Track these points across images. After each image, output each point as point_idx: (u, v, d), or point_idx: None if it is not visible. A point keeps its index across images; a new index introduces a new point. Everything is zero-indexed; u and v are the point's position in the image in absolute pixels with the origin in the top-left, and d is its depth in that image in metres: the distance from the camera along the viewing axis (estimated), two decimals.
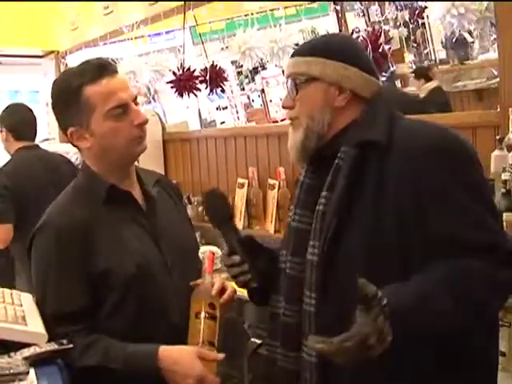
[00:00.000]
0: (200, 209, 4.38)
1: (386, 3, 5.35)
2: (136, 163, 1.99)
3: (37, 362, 1.64)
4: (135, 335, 1.80)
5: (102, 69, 1.81)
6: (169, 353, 1.74)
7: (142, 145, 1.88)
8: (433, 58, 6.99)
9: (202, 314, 1.79)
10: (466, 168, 1.53)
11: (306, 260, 1.61)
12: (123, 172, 1.92)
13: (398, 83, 6.52)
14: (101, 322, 1.82)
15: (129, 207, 1.91)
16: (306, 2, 5.69)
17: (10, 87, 7.86)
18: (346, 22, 6.88)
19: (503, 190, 2.24)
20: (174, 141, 5.23)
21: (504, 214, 2.09)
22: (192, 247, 2.08)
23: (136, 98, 1.87)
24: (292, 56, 1.71)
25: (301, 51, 1.70)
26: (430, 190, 1.48)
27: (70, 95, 1.82)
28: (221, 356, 1.76)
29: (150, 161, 4.99)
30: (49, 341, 1.70)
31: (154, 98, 10.18)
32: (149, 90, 8.67)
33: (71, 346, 1.71)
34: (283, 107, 1.73)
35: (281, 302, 1.70)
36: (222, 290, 1.88)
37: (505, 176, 2.25)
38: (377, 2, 4.86)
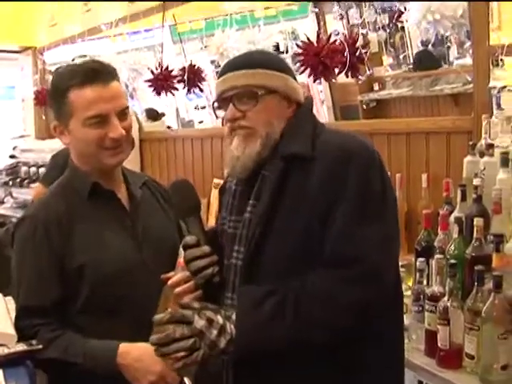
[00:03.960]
0: None
1: (365, 7, 5.36)
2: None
3: (5, 362, 1.63)
4: (107, 332, 1.80)
5: (93, 75, 1.81)
6: (129, 349, 1.76)
7: (117, 157, 1.87)
8: (411, 61, 7.02)
9: (169, 311, 1.78)
10: (369, 179, 1.59)
11: (230, 263, 1.68)
12: (105, 174, 1.92)
13: (376, 86, 6.54)
14: (73, 317, 1.83)
15: (112, 206, 1.92)
16: (285, 3, 5.69)
17: None
18: (325, 24, 6.90)
19: (474, 196, 2.25)
20: (150, 140, 5.23)
21: (475, 219, 2.10)
22: (175, 249, 2.07)
23: (125, 109, 1.86)
24: (238, 69, 1.69)
25: (250, 64, 1.70)
26: (332, 202, 1.56)
27: (57, 94, 1.85)
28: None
29: (126, 160, 4.99)
30: (18, 341, 1.70)
31: (131, 96, 10.17)
32: (127, 87, 8.67)
33: (41, 346, 1.71)
34: (231, 120, 1.69)
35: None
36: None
37: (476, 182, 2.26)
38: (355, 5, 4.85)
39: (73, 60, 5.46)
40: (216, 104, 1.77)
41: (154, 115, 7.27)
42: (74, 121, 1.83)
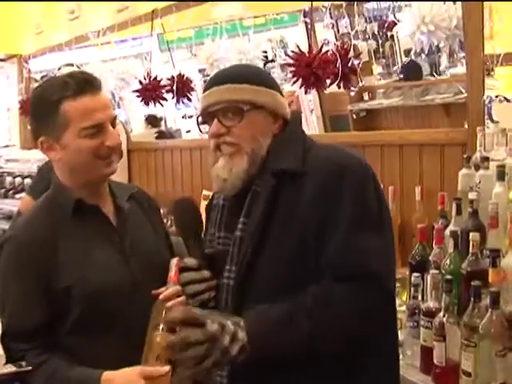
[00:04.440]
0: (166, 220, 4.34)
1: (356, 16, 5.38)
2: None
3: None
4: (97, 351, 1.78)
5: (85, 85, 1.79)
6: (112, 377, 1.72)
7: (111, 167, 1.86)
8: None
9: (161, 327, 1.75)
10: (364, 194, 1.60)
11: (222, 283, 1.68)
12: (92, 188, 1.90)
13: (366, 96, 6.55)
14: (61, 338, 1.80)
15: (97, 222, 1.90)
16: (275, 11, 5.69)
17: None
18: (314, 32, 6.91)
19: (470, 210, 2.25)
20: (138, 150, 5.21)
21: (471, 234, 2.10)
22: (165, 264, 2.05)
23: (115, 118, 1.86)
24: (223, 83, 1.68)
25: (236, 79, 1.69)
26: (327, 217, 1.57)
27: (48, 106, 1.82)
28: (165, 369, 1.66)
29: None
30: (6, 362, 1.68)
31: (118, 106, 10.14)
32: (113, 96, 8.62)
33: (30, 368, 1.68)
34: (215, 135, 1.68)
35: None
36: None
37: (472, 195, 2.26)
38: (346, 15, 4.87)
39: (59, 69, 5.44)
40: (200, 118, 1.76)
41: (154, 121, 7.28)
42: (68, 133, 1.81)
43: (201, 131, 1.79)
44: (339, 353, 1.56)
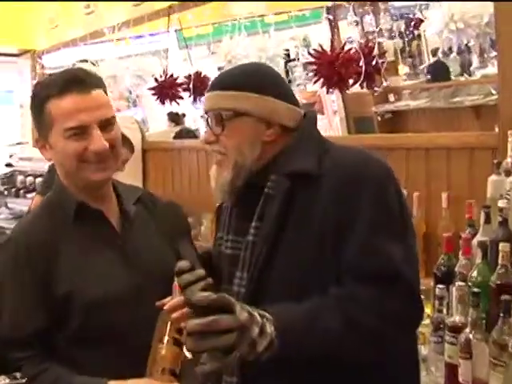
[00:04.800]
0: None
1: (381, 13, 5.33)
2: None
3: None
4: (98, 362, 1.75)
5: (72, 83, 1.76)
6: None
7: (102, 174, 1.81)
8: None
9: (166, 339, 1.72)
10: (385, 196, 1.57)
11: (232, 290, 1.63)
12: (92, 191, 1.87)
13: (391, 97, 6.49)
14: (60, 348, 1.78)
15: (100, 227, 1.87)
16: (297, 8, 5.66)
17: None
18: (338, 30, 6.86)
19: (499, 219, 2.19)
20: (153, 150, 5.18)
21: (500, 244, 2.04)
22: (170, 271, 2.01)
23: (109, 120, 1.81)
24: (212, 89, 1.69)
25: (223, 84, 1.68)
26: (347, 219, 1.53)
27: (36, 104, 1.81)
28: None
29: (127, 171, 4.93)
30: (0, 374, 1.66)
31: (135, 104, 10.17)
32: (130, 94, 8.63)
33: (24, 380, 1.67)
34: (205, 142, 1.70)
35: None
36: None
37: (502, 203, 2.20)
38: (370, 12, 4.82)
39: (73, 65, 5.44)
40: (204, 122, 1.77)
41: (176, 118, 7.28)
42: (53, 133, 1.79)
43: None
44: (364, 361, 1.51)
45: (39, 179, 5.73)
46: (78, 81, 1.77)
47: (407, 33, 6.69)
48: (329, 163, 1.61)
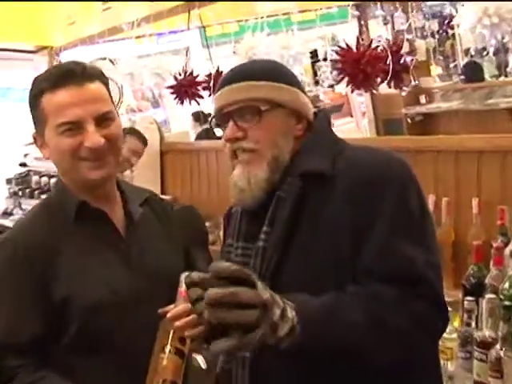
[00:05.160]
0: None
1: (412, 11, 5.26)
2: (128, 174, 1.91)
3: None
4: (96, 372, 1.72)
5: (66, 77, 1.73)
6: None
7: (99, 171, 1.76)
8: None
9: (168, 349, 1.67)
10: (407, 197, 1.53)
11: None
12: (93, 191, 1.83)
13: (423, 99, 6.42)
14: (58, 355, 1.74)
15: (102, 228, 1.83)
16: (324, 7, 5.61)
17: (1, 84, 7.86)
18: (367, 29, 6.81)
19: None
20: (172, 152, 5.17)
21: None
22: (175, 277, 1.96)
23: (105, 114, 1.76)
24: (238, 81, 1.62)
25: (254, 76, 1.62)
26: (366, 220, 1.49)
27: (32, 99, 1.78)
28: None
29: (145, 173, 4.93)
30: None
31: (157, 104, 10.20)
32: (153, 94, 8.63)
33: None
34: (230, 139, 1.61)
35: None
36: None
37: None
38: (400, 9, 4.76)
39: (91, 62, 5.44)
40: (214, 121, 1.70)
41: (200, 118, 7.27)
42: (47, 130, 1.75)
43: (214, 134, 1.71)
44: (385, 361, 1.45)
45: (54, 179, 5.74)
46: (72, 74, 1.73)
47: (440, 32, 6.61)
48: (343, 164, 1.57)
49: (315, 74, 8.08)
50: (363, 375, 1.46)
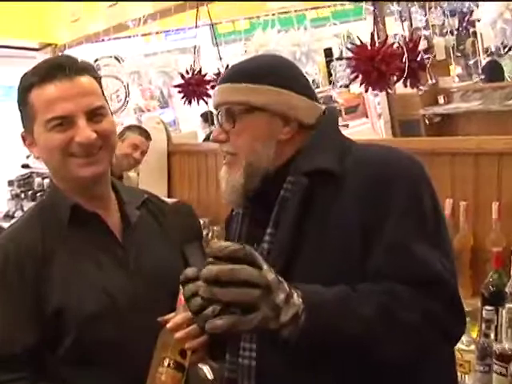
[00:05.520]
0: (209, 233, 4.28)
1: (431, 7, 5.22)
2: (134, 176, 1.88)
3: None
4: None
5: (55, 70, 1.69)
6: None
7: (90, 168, 1.73)
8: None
9: (167, 362, 1.63)
10: (418, 195, 1.51)
11: None
12: (86, 192, 1.80)
13: (441, 99, 6.37)
14: (53, 368, 1.71)
15: (97, 233, 1.80)
16: (339, 3, 5.59)
17: (3, 82, 7.88)
18: (384, 26, 6.75)
19: None
20: (180, 153, 5.17)
21: None
22: (176, 283, 1.93)
23: (97, 109, 1.73)
24: (224, 81, 1.65)
25: (235, 77, 1.63)
26: (377, 219, 1.47)
27: (20, 95, 1.76)
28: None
29: (151, 175, 4.92)
30: None
31: (167, 103, 10.19)
32: (162, 94, 8.60)
33: None
34: (214, 141, 1.65)
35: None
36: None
37: None
38: (417, 5, 4.72)
39: (95, 61, 5.44)
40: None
41: (208, 118, 7.25)
42: (36, 127, 1.72)
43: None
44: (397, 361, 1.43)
45: None
46: (62, 67, 1.70)
47: (460, 29, 6.57)
48: (351, 162, 1.55)
49: (330, 73, 8.06)
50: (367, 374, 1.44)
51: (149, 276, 1.79)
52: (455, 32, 6.30)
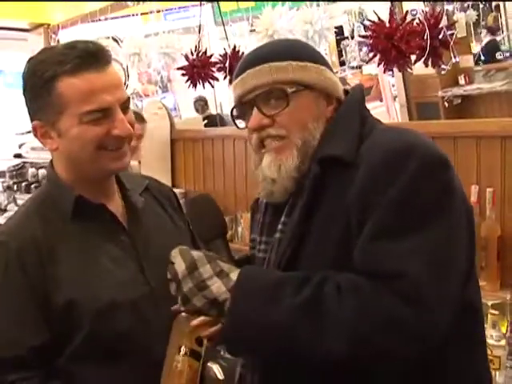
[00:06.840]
0: None
1: None
2: (136, 165, 1.92)
3: None
4: (106, 380, 1.75)
5: (88, 58, 1.70)
6: None
7: (122, 161, 1.79)
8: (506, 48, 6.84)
9: (183, 351, 1.68)
10: (416, 189, 1.47)
11: None
12: (96, 184, 1.85)
13: (462, 79, 6.37)
14: (63, 365, 1.75)
15: (104, 223, 1.85)
16: None
17: None
18: (401, 1, 6.76)
19: None
20: (184, 140, 5.17)
21: None
22: None
23: (127, 101, 1.78)
24: (260, 63, 1.62)
25: (277, 56, 1.63)
26: (368, 210, 1.47)
27: (40, 84, 1.74)
28: None
29: (154, 164, 4.93)
30: None
31: (166, 88, 10.20)
32: (161, 78, 8.60)
33: None
34: (256, 128, 1.63)
35: None
36: None
37: None
38: None
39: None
40: (235, 111, 1.71)
41: (200, 105, 7.29)
42: (66, 117, 1.73)
43: (238, 127, 1.71)
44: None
45: None
46: (93, 55, 1.71)
47: (483, 3, 6.56)
48: (365, 148, 1.55)
49: (340, 53, 8.06)
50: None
51: (159, 264, 1.78)
52: (480, 8, 6.29)
